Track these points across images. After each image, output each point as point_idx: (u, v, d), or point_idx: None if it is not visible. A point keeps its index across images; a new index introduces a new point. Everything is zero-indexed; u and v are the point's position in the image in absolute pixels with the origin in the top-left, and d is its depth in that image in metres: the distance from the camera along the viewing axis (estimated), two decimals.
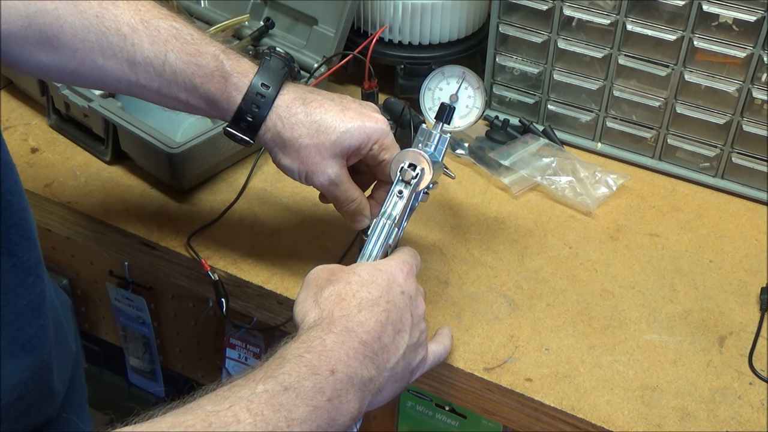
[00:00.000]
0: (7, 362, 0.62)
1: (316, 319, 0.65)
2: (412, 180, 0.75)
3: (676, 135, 1.05)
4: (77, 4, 0.71)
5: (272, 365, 0.59)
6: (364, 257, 0.73)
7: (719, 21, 0.96)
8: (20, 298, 0.63)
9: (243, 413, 0.54)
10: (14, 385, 0.63)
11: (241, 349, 1.10)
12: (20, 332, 0.63)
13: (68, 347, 0.75)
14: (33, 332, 0.65)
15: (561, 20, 1.04)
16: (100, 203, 0.99)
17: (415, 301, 0.70)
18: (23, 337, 0.64)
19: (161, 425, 0.53)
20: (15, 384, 0.63)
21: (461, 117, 0.84)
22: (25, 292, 0.64)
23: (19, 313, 0.63)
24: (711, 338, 0.84)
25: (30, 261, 0.64)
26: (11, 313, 0.62)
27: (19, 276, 0.63)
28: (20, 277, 0.63)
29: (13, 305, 0.62)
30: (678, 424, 0.75)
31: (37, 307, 0.65)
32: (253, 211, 0.99)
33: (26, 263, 0.63)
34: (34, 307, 0.65)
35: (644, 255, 0.94)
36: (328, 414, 0.58)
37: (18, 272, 0.63)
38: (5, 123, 1.12)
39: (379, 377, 0.64)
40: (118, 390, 1.35)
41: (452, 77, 0.84)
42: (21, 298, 0.63)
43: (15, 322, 0.63)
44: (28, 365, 0.64)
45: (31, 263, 0.64)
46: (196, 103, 0.75)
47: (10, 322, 0.62)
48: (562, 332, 0.84)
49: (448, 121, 0.81)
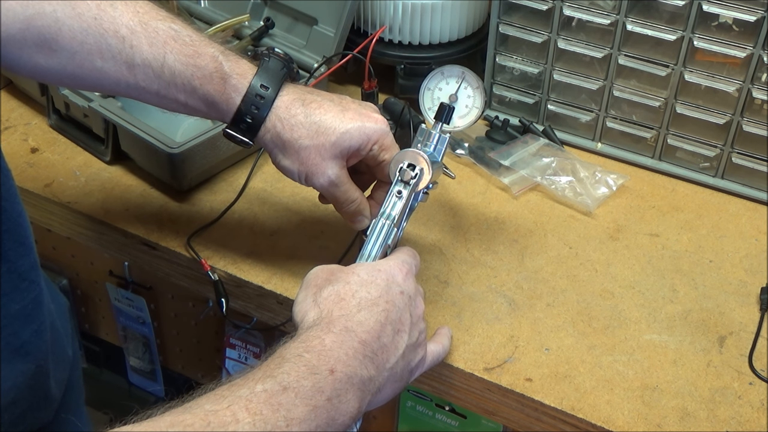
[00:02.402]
0: (1, 367, 0.62)
1: (315, 318, 0.65)
2: (411, 180, 0.75)
3: (676, 135, 1.05)
4: (75, 6, 0.71)
5: (271, 365, 0.59)
6: (363, 257, 0.73)
7: (719, 21, 0.96)
8: (14, 303, 0.63)
9: (242, 412, 0.54)
10: (8, 389, 0.63)
11: (241, 349, 1.10)
12: (14, 337, 0.63)
13: (65, 352, 0.75)
14: (27, 337, 0.65)
15: (561, 20, 1.04)
16: (100, 203, 0.99)
17: (414, 300, 0.70)
18: (17, 342, 0.64)
19: (160, 424, 0.53)
20: (9, 388, 0.63)
21: (461, 117, 0.84)
22: (18, 297, 0.64)
23: (12, 318, 0.63)
24: (711, 338, 0.84)
25: (24, 266, 0.64)
26: (5, 317, 0.62)
27: (12, 281, 0.63)
28: (14, 282, 0.63)
29: (7, 310, 0.62)
30: (678, 424, 0.75)
31: (31, 313, 0.65)
32: (253, 211, 0.99)
33: (20, 268, 0.63)
34: (28, 313, 0.65)
35: (644, 255, 0.94)
36: (327, 413, 0.58)
37: (12, 277, 0.63)
38: (5, 123, 1.13)
39: (379, 377, 0.64)
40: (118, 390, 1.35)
41: (452, 77, 0.84)
42: (14, 303, 0.63)
43: (8, 327, 0.63)
44: (22, 370, 0.64)
45: (25, 268, 0.64)
46: (196, 104, 0.75)
47: (3, 326, 0.62)
48: (562, 332, 0.84)
49: (447, 120, 0.81)
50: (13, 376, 0.63)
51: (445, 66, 0.85)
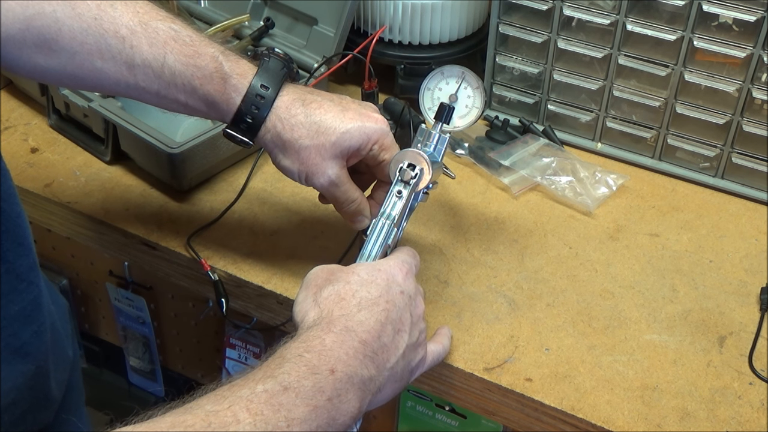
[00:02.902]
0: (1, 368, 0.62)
1: (316, 318, 0.65)
2: (411, 180, 0.75)
3: (676, 135, 1.05)
4: (75, 6, 0.70)
5: (272, 365, 0.59)
6: (363, 257, 0.73)
7: (719, 21, 0.96)
8: (13, 304, 0.63)
9: (242, 413, 0.54)
10: (9, 390, 0.63)
11: (241, 349, 1.10)
12: (13, 338, 0.63)
13: (65, 352, 0.75)
14: (26, 338, 0.65)
15: (561, 20, 1.04)
16: (100, 203, 0.99)
17: (414, 300, 0.70)
18: (16, 343, 0.64)
19: (161, 425, 0.53)
20: (9, 389, 0.63)
21: (461, 117, 0.84)
22: (17, 298, 0.64)
23: (12, 319, 0.63)
24: (711, 338, 0.84)
25: (23, 267, 0.64)
26: (4, 319, 0.62)
27: (11, 282, 0.63)
28: (13, 283, 0.63)
29: (6, 311, 0.62)
30: (678, 424, 0.75)
31: (30, 314, 0.65)
32: (253, 211, 0.99)
33: (19, 269, 0.63)
34: (27, 313, 0.65)
35: (644, 255, 0.94)
36: (328, 413, 0.58)
37: (10, 278, 0.63)
38: (5, 123, 1.13)
39: (379, 376, 0.64)
40: (118, 390, 1.35)
41: (451, 77, 0.84)
42: (14, 304, 0.63)
43: (8, 328, 0.63)
44: (22, 371, 0.64)
45: (23, 269, 0.64)
46: (196, 104, 0.75)
47: (3, 327, 0.62)
48: (562, 332, 0.84)
49: (447, 121, 0.81)
50: (13, 377, 0.63)
51: (445, 66, 0.85)
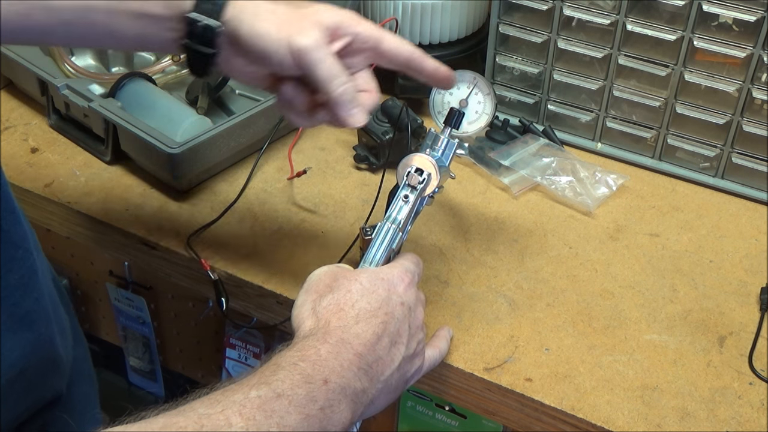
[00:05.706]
0: (6, 337, 0.62)
1: (312, 328, 0.65)
2: (419, 185, 0.75)
3: (676, 135, 1.05)
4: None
5: (266, 372, 0.59)
6: (366, 261, 0.73)
7: (719, 21, 0.96)
8: (12, 273, 0.63)
9: (235, 417, 0.55)
10: (18, 358, 0.63)
11: (241, 349, 1.10)
12: (16, 307, 0.63)
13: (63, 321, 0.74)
14: (29, 306, 0.65)
15: (561, 20, 1.04)
16: (100, 203, 0.99)
17: (414, 311, 0.70)
18: (20, 312, 0.64)
19: (153, 426, 0.53)
20: (17, 359, 0.63)
21: (470, 122, 0.84)
22: (16, 267, 0.64)
23: (12, 288, 0.63)
24: (711, 338, 0.84)
25: (17, 235, 0.64)
26: (5, 288, 0.62)
27: (8, 251, 0.63)
28: (9, 252, 0.63)
29: (6, 281, 0.62)
30: (678, 424, 0.75)
31: (29, 282, 0.65)
32: (253, 211, 0.99)
33: (14, 237, 0.63)
34: (26, 282, 0.65)
35: (644, 255, 0.94)
36: (319, 423, 0.59)
37: (7, 247, 0.63)
38: (5, 123, 1.12)
39: (372, 389, 0.65)
40: (118, 390, 1.35)
41: (463, 82, 0.84)
42: (13, 273, 0.63)
43: (10, 297, 0.63)
44: (28, 339, 0.65)
45: (18, 237, 0.64)
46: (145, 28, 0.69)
47: (4, 297, 0.62)
48: (562, 332, 0.84)
49: (457, 126, 0.80)
50: (21, 345, 0.64)
51: (458, 71, 0.84)
